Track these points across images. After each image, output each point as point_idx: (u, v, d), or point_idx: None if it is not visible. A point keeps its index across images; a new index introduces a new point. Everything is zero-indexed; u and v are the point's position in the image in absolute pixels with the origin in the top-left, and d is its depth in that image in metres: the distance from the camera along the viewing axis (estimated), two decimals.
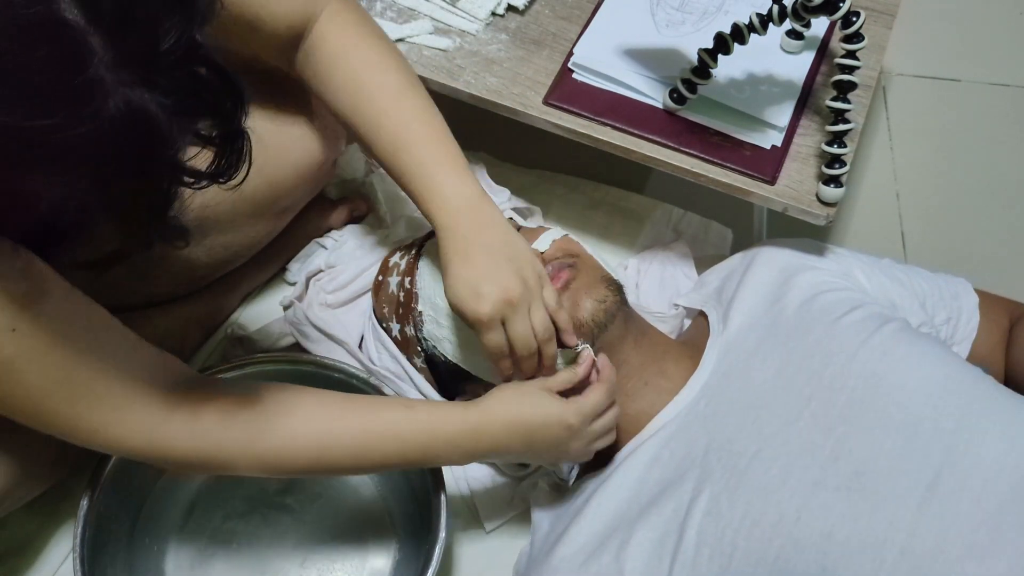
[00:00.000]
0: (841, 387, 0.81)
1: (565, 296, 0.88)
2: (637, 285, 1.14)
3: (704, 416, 0.86)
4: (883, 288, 0.97)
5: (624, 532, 0.81)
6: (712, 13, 1.11)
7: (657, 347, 0.94)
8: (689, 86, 1.00)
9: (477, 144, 1.27)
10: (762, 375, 0.86)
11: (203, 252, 1.00)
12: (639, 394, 0.91)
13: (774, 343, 0.88)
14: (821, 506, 0.74)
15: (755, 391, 0.85)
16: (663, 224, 1.22)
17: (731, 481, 0.78)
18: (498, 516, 1.01)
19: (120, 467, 0.91)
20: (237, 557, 0.97)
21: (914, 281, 0.99)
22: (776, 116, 1.02)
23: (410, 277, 0.98)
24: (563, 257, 0.91)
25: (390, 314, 1.02)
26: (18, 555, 0.98)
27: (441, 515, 0.87)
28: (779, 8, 0.93)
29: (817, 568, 0.71)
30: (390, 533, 0.98)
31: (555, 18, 1.12)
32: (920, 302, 0.97)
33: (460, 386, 0.98)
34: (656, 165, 1.02)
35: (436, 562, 0.84)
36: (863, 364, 0.82)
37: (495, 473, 1.03)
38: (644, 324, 0.96)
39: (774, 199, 0.99)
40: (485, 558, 1.00)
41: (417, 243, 1.02)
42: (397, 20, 1.10)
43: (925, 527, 0.71)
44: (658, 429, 0.88)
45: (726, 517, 0.76)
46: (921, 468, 0.74)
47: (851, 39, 0.92)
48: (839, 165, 0.97)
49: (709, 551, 0.76)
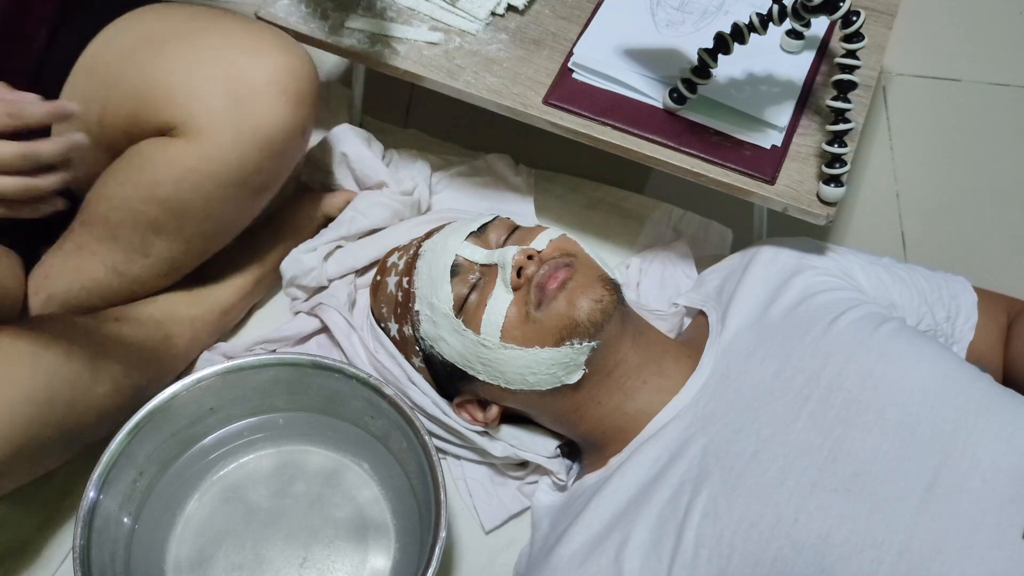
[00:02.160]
0: (839, 388, 0.81)
1: (562, 295, 0.88)
2: (638, 284, 1.14)
3: (703, 416, 0.86)
4: (882, 287, 0.97)
5: (623, 532, 0.81)
6: (712, 13, 1.11)
7: (656, 346, 0.94)
8: (689, 86, 1.00)
9: (478, 144, 1.27)
10: (760, 376, 0.86)
11: (182, 243, 1.00)
12: (638, 393, 0.91)
13: (772, 344, 0.88)
14: (819, 507, 0.74)
15: (753, 392, 0.85)
16: (663, 224, 1.22)
17: (729, 482, 0.78)
18: (498, 516, 1.01)
19: (120, 467, 0.91)
20: (237, 557, 0.97)
21: (914, 279, 0.99)
22: (776, 116, 1.02)
23: (408, 277, 0.98)
24: (560, 256, 0.92)
25: (388, 314, 1.02)
26: (18, 555, 0.98)
27: (441, 515, 0.87)
28: (779, 8, 0.93)
29: (816, 569, 0.71)
30: (390, 533, 0.98)
31: (555, 18, 1.12)
32: (920, 300, 0.97)
33: (457, 385, 0.98)
34: (656, 165, 1.02)
35: (436, 562, 0.84)
36: (860, 365, 0.82)
37: (495, 473, 1.03)
38: (643, 323, 0.96)
39: (774, 199, 0.99)
40: (485, 558, 1.00)
41: (415, 243, 1.03)
42: (397, 20, 1.10)
43: (924, 528, 0.71)
44: (658, 430, 0.88)
45: (724, 518, 0.76)
46: (919, 469, 0.74)
47: (851, 39, 0.92)
48: (839, 165, 0.97)
49: (708, 552, 0.76)
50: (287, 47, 0.95)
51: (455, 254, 0.94)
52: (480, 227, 0.97)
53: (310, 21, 1.09)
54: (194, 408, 0.98)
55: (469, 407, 0.99)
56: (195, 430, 0.99)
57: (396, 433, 0.96)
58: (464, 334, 0.91)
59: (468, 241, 0.95)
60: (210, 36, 0.94)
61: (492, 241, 0.96)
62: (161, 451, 0.97)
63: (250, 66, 0.92)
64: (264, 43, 0.94)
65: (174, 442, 0.98)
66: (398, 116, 1.35)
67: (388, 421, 0.96)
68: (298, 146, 1.00)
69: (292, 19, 1.10)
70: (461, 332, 0.92)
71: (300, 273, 1.09)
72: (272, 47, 0.94)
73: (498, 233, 0.96)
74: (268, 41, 0.95)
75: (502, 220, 0.98)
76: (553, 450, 0.99)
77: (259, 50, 0.93)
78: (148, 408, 0.93)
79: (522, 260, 0.89)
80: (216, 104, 0.91)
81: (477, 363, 0.92)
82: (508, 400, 0.95)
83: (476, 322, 0.91)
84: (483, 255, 0.94)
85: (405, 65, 1.07)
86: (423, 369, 1.00)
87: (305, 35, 1.09)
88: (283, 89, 0.93)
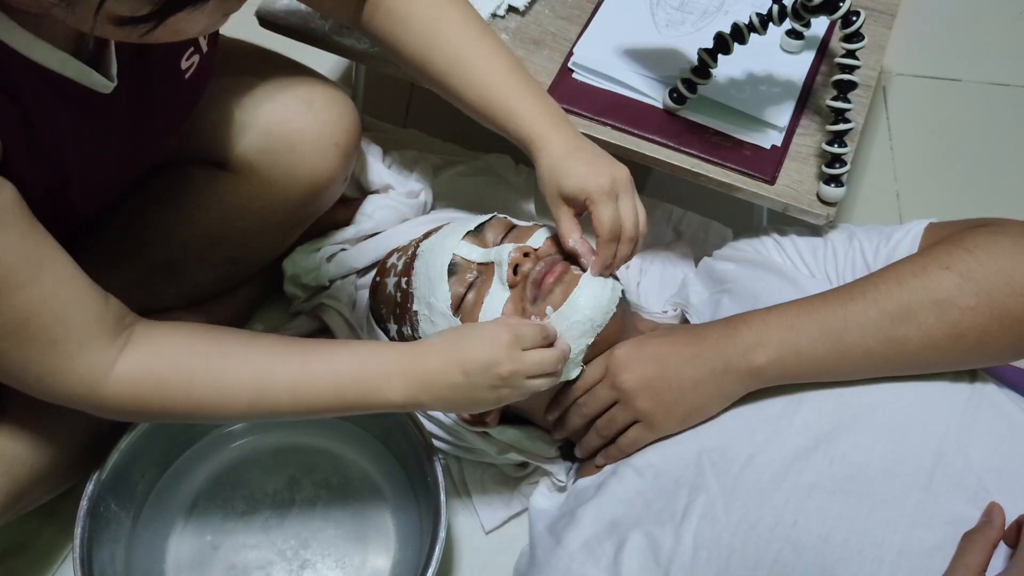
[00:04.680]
0: (830, 390, 0.81)
1: (558, 290, 0.88)
2: (638, 284, 1.14)
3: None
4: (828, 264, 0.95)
5: (621, 534, 0.81)
6: (712, 13, 1.11)
7: None
8: (689, 86, 1.00)
9: (478, 144, 1.27)
10: None
11: (209, 267, 1.01)
12: None
13: None
14: (818, 508, 0.74)
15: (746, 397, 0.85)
16: (663, 224, 1.22)
17: (726, 486, 0.78)
18: (498, 516, 1.01)
19: (120, 467, 0.91)
20: (236, 557, 0.97)
21: (857, 239, 0.95)
22: (776, 116, 1.02)
23: (407, 277, 0.98)
24: (556, 253, 0.91)
25: (388, 314, 1.02)
26: (18, 555, 0.98)
27: (441, 515, 0.87)
28: (779, 8, 0.93)
29: (817, 570, 0.72)
30: (390, 533, 0.98)
31: (555, 18, 1.12)
32: (855, 248, 0.93)
33: None
34: (656, 165, 1.02)
35: (436, 562, 0.84)
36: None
37: (495, 473, 1.03)
38: (641, 322, 0.97)
39: (774, 199, 0.99)
40: (485, 558, 1.00)
41: (414, 243, 1.02)
42: None
43: (922, 526, 0.71)
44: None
45: (723, 520, 0.76)
46: (915, 470, 0.75)
47: (851, 39, 0.92)
48: (839, 164, 0.97)
49: (707, 554, 0.76)
50: (339, 99, 0.99)
51: (452, 253, 0.94)
52: (477, 226, 0.97)
53: (310, 21, 1.09)
54: None
55: None
56: (195, 430, 0.99)
57: (396, 433, 0.96)
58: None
59: (465, 240, 0.95)
60: (266, 78, 0.97)
61: (489, 240, 0.96)
62: (161, 451, 0.97)
63: (304, 115, 0.96)
64: (316, 93, 0.98)
65: (174, 442, 0.98)
66: (398, 116, 1.35)
67: (388, 421, 0.96)
68: (339, 191, 1.05)
69: (292, 19, 1.09)
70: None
71: (301, 272, 1.09)
72: (325, 98, 0.98)
73: (495, 232, 0.96)
74: (320, 92, 0.98)
75: (499, 219, 0.98)
76: (552, 451, 0.99)
77: (312, 100, 0.97)
78: None
79: (518, 257, 0.89)
80: (270, 148, 0.94)
81: None
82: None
83: (473, 320, 0.90)
84: (480, 254, 0.93)
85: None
86: None
87: (305, 35, 1.09)
88: (336, 142, 0.97)
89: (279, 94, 0.96)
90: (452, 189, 1.22)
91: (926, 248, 0.85)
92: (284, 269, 1.11)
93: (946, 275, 0.77)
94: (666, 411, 0.84)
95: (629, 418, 0.86)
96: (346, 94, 1.01)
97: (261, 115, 0.94)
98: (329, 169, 0.98)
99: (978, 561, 0.68)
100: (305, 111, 0.96)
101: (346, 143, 0.99)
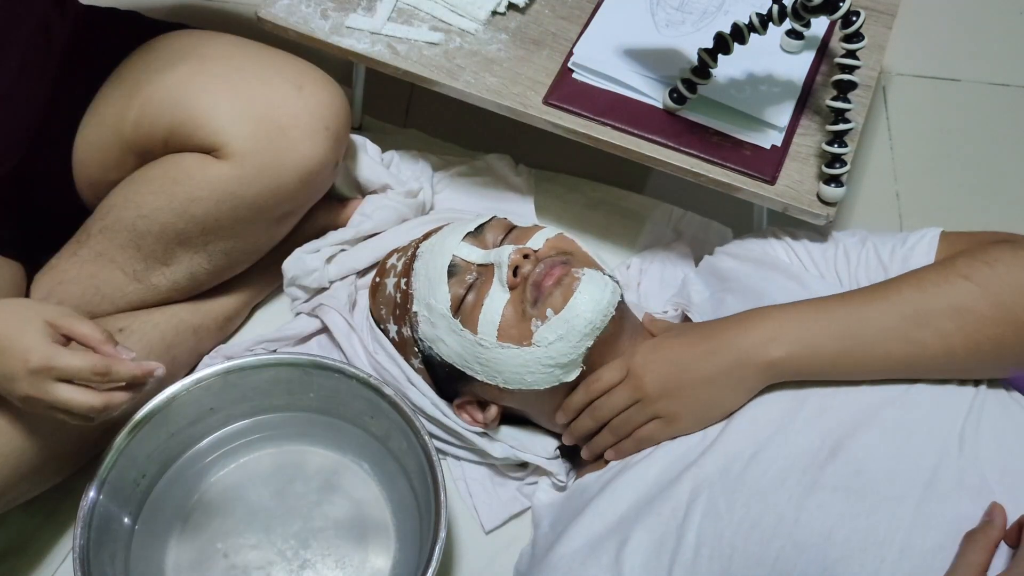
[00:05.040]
0: (835, 388, 0.81)
1: (558, 292, 0.88)
2: (638, 284, 1.14)
3: None
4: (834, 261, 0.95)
5: (623, 532, 0.81)
6: (712, 13, 1.11)
7: None
8: (689, 86, 1.00)
9: (478, 144, 1.27)
10: None
11: (204, 258, 1.01)
12: None
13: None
14: (820, 507, 0.74)
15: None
16: (663, 224, 1.22)
17: (728, 484, 0.78)
18: (498, 516, 1.01)
19: (120, 467, 0.91)
20: (237, 557, 0.97)
21: (871, 241, 0.95)
22: (776, 116, 1.02)
23: (406, 278, 0.98)
24: (556, 255, 0.91)
25: (387, 315, 1.02)
26: (18, 555, 0.98)
27: (441, 515, 0.87)
28: (779, 8, 0.93)
29: (818, 568, 0.71)
30: (390, 533, 0.98)
31: (555, 18, 1.12)
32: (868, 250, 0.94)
33: (456, 386, 0.98)
34: (656, 165, 1.02)
35: (436, 562, 0.84)
36: None
37: (495, 473, 1.03)
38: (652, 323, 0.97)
39: (774, 199, 0.99)
40: (485, 558, 1.00)
41: (413, 244, 1.02)
42: (397, 20, 1.10)
43: (924, 525, 0.71)
44: None
45: (725, 519, 0.76)
46: (918, 469, 0.75)
47: (851, 39, 0.92)
48: (840, 164, 0.97)
49: (709, 552, 0.76)
50: (329, 84, 1.00)
51: (452, 254, 0.94)
52: (477, 228, 0.97)
53: (310, 21, 1.09)
54: (194, 408, 0.98)
55: (468, 408, 0.99)
56: (195, 430, 0.99)
57: (396, 433, 0.96)
58: (461, 334, 0.91)
59: (465, 241, 0.95)
60: (256, 65, 0.97)
61: (489, 241, 0.96)
62: (161, 451, 0.97)
63: (295, 99, 0.96)
64: (307, 78, 0.98)
65: (174, 442, 0.98)
66: (398, 116, 1.35)
67: (388, 421, 0.96)
68: (330, 177, 1.04)
69: (292, 19, 1.09)
70: (458, 332, 0.92)
71: (301, 273, 1.09)
72: (315, 83, 0.98)
73: (495, 233, 0.96)
74: (311, 76, 0.98)
75: (499, 220, 0.98)
76: (552, 451, 0.99)
77: (303, 84, 0.97)
78: (148, 408, 0.93)
79: (518, 259, 0.89)
80: (261, 132, 0.94)
81: (475, 363, 0.92)
82: (507, 400, 0.95)
83: (473, 322, 0.90)
84: (480, 255, 0.93)
85: (405, 65, 1.07)
86: (422, 370, 1.00)
87: (305, 35, 1.09)
88: (326, 125, 0.97)
89: (269, 79, 0.96)
90: (452, 189, 1.22)
91: (944, 259, 0.86)
92: (284, 271, 1.11)
93: (966, 284, 0.79)
94: (688, 410, 0.85)
95: (647, 417, 0.86)
96: (334, 80, 1.01)
97: (252, 100, 0.94)
98: (320, 153, 0.97)
99: (980, 560, 0.68)
100: (296, 95, 0.96)
101: (336, 127, 0.98)
